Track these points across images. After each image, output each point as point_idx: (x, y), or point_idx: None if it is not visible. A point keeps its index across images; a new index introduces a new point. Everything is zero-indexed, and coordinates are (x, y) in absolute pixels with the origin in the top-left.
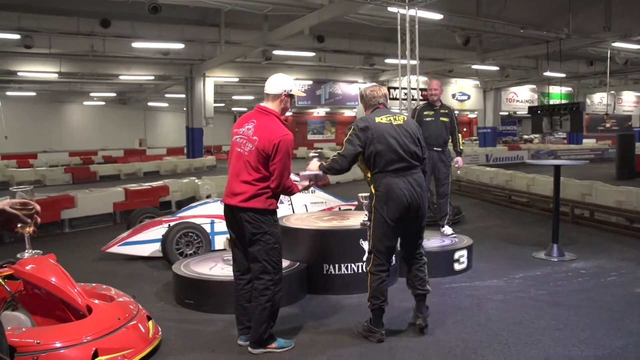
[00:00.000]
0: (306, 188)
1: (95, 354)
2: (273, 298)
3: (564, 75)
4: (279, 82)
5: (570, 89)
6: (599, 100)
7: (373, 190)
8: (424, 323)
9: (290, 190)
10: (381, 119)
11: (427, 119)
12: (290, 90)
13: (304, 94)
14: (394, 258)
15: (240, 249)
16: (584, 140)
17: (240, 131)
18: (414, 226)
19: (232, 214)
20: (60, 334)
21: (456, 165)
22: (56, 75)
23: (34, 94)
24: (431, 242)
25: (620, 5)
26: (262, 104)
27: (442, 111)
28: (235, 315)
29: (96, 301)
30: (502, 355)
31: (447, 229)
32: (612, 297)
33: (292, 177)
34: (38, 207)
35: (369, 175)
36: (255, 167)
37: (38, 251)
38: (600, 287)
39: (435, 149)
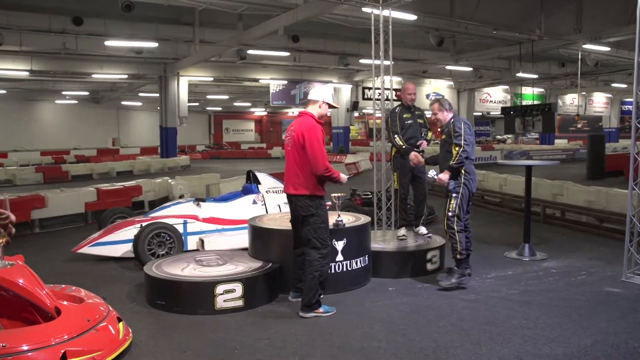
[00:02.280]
0: None
1: (64, 357)
2: (321, 269)
3: (536, 76)
4: (319, 92)
5: (542, 90)
6: (570, 101)
7: (463, 172)
8: None
9: (330, 175)
10: None
11: (408, 121)
12: (327, 101)
13: (337, 106)
14: (366, 258)
15: (295, 228)
16: (556, 141)
17: (287, 133)
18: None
19: (289, 200)
20: (27, 336)
21: (421, 148)
22: (27, 73)
23: (4, 92)
24: (404, 242)
25: (590, 8)
26: (302, 109)
27: (416, 112)
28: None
29: (65, 303)
30: (473, 355)
31: (422, 229)
32: (581, 296)
33: None
34: (13, 218)
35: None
36: (299, 161)
37: (12, 262)
38: (570, 286)
39: (415, 149)
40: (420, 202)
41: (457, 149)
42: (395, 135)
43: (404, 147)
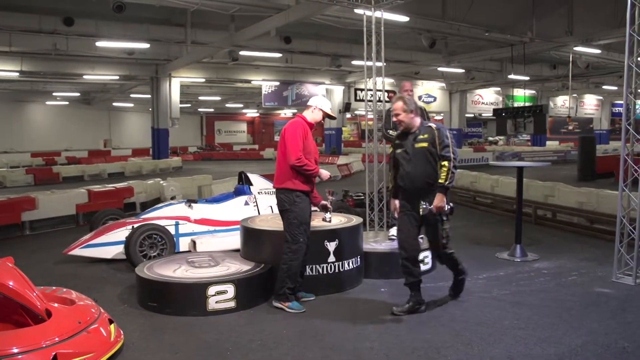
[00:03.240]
0: None
1: (55, 359)
2: (289, 263)
3: (527, 78)
4: (316, 99)
5: (534, 91)
6: (561, 103)
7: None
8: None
9: (307, 169)
10: None
11: None
12: (322, 107)
13: (335, 117)
14: (359, 259)
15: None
16: (547, 142)
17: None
18: None
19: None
20: (18, 339)
21: None
22: (17, 74)
23: None
24: (396, 242)
25: (582, 11)
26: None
27: None
28: None
29: (56, 305)
30: (465, 355)
31: None
32: (572, 296)
33: None
34: None
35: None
36: (281, 156)
37: None
38: (561, 286)
39: None
40: None
41: (446, 164)
42: (389, 131)
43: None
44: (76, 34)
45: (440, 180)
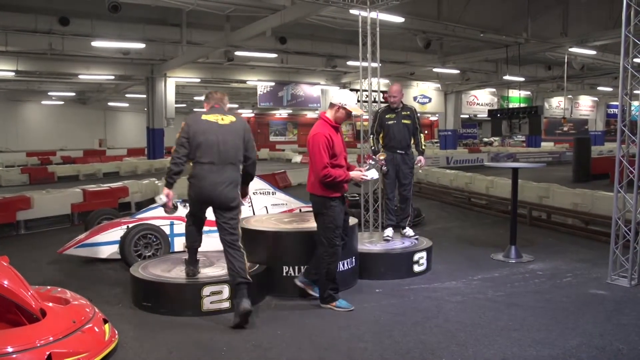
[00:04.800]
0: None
1: (49, 359)
2: (327, 267)
3: (523, 79)
4: (338, 96)
5: (529, 92)
6: (556, 104)
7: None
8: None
9: (335, 181)
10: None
11: (389, 122)
12: (345, 105)
13: (361, 112)
14: (353, 260)
15: None
16: (542, 143)
17: None
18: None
19: None
20: (12, 338)
21: (418, 165)
22: (13, 73)
23: None
24: (391, 243)
25: (577, 12)
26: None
27: (403, 113)
28: None
29: (50, 304)
30: (459, 356)
31: (409, 231)
32: (567, 297)
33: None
34: None
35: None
36: (311, 165)
37: None
38: (556, 288)
39: (398, 151)
40: (405, 204)
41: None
42: (371, 135)
43: (372, 147)
44: (72, 33)
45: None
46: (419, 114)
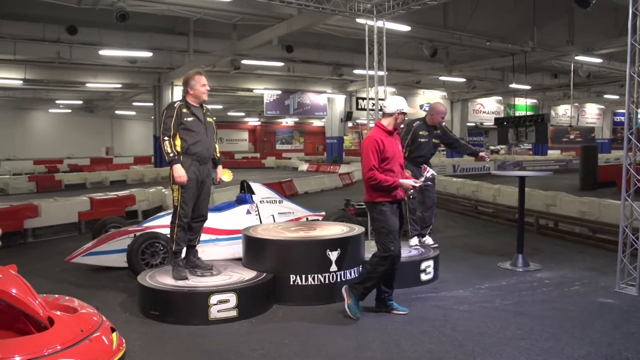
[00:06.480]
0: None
1: None
2: (375, 266)
3: (529, 87)
4: (393, 103)
5: (535, 100)
6: (563, 112)
7: None
8: None
9: (380, 185)
10: None
11: (422, 139)
12: (402, 109)
13: (414, 110)
14: (360, 269)
15: None
16: (549, 151)
17: None
18: None
19: None
20: (20, 347)
21: (487, 158)
22: (21, 82)
23: None
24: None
25: (583, 20)
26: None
27: (435, 132)
28: None
29: (58, 313)
30: None
31: (429, 239)
32: (575, 306)
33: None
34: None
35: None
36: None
37: None
38: (563, 296)
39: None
40: (428, 213)
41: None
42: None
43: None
44: (80, 42)
45: None
46: (445, 127)
